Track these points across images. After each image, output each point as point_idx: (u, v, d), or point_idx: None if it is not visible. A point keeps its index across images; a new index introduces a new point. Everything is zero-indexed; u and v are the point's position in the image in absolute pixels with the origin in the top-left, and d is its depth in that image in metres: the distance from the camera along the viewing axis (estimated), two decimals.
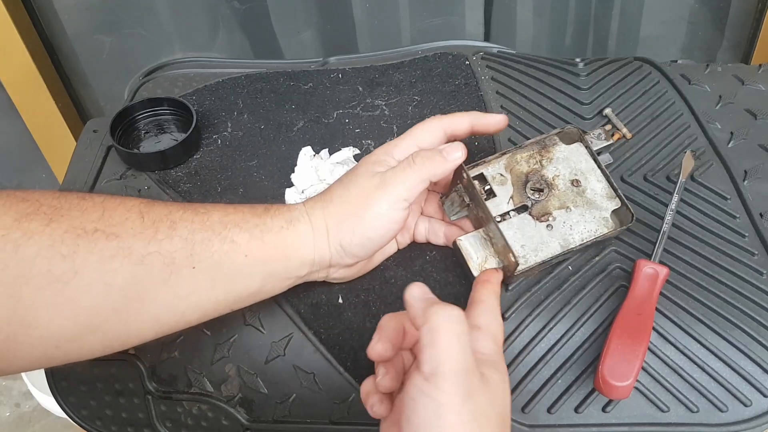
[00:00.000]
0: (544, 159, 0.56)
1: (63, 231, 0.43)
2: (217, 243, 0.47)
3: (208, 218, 0.48)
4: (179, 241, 0.46)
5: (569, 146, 0.57)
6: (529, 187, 0.55)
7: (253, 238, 0.48)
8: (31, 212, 0.43)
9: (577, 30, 1.07)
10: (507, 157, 0.56)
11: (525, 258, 0.53)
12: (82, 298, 0.43)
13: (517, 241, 0.53)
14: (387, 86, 0.73)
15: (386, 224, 0.50)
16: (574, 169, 0.56)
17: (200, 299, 0.48)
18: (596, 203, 0.55)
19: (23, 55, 1.01)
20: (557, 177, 0.56)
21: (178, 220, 0.47)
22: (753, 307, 0.54)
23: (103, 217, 0.45)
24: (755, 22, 1.01)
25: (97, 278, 0.43)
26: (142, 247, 0.45)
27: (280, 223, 0.50)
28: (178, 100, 0.70)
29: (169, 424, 0.55)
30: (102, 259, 0.44)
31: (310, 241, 0.50)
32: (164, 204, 0.48)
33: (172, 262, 0.46)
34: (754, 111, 0.68)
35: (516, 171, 0.56)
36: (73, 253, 0.43)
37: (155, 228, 0.46)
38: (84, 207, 0.45)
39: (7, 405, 1.36)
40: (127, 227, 0.45)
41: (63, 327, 0.43)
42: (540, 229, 0.54)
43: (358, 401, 0.53)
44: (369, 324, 0.54)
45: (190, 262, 0.46)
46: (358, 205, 0.50)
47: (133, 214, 0.46)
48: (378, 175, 0.51)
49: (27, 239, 0.42)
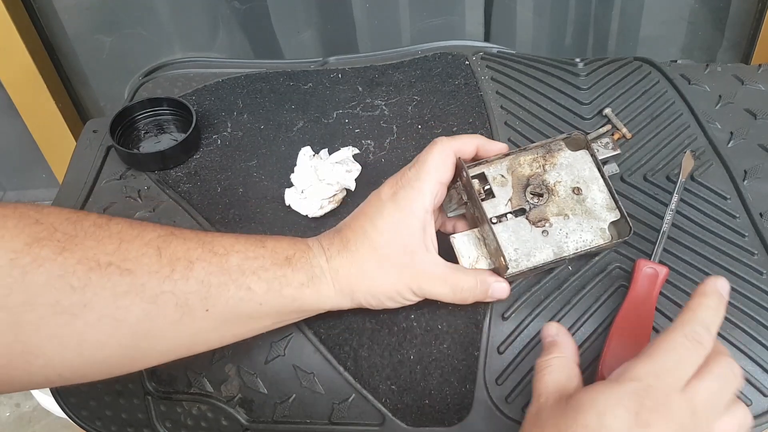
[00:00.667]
0: (548, 164, 0.55)
1: (75, 261, 0.42)
2: (233, 289, 0.46)
3: (227, 261, 0.46)
4: (195, 283, 0.45)
5: (575, 153, 0.56)
6: (529, 191, 0.54)
7: (271, 290, 0.47)
8: (43, 237, 0.41)
9: (577, 30, 1.07)
10: (510, 158, 0.56)
11: (516, 262, 0.52)
12: (89, 332, 0.42)
13: (510, 244, 0.53)
14: (387, 86, 0.73)
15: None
16: (577, 177, 0.55)
17: (209, 338, 0.48)
18: (595, 213, 0.54)
19: (23, 55, 1.02)
20: (558, 183, 0.55)
21: (196, 260, 0.46)
22: (753, 307, 0.54)
23: (119, 249, 0.44)
24: (755, 22, 1.01)
25: (108, 314, 0.42)
26: (156, 285, 0.44)
27: (301, 279, 0.48)
28: (177, 100, 0.70)
29: (169, 424, 0.55)
30: (114, 294, 0.42)
31: (330, 300, 0.50)
32: (182, 239, 0.46)
33: (185, 304, 0.45)
34: (753, 111, 0.68)
35: (518, 173, 0.55)
36: (85, 286, 0.42)
37: (171, 267, 0.45)
38: (100, 237, 0.43)
39: (7, 405, 1.36)
40: (142, 263, 0.44)
41: (67, 359, 0.42)
42: (535, 234, 0.53)
43: (357, 401, 0.53)
44: (369, 324, 0.54)
45: (203, 305, 0.45)
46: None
47: (151, 249, 0.45)
48: (409, 256, 0.50)
49: (37, 266, 0.41)
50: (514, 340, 0.53)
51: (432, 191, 0.50)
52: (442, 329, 0.54)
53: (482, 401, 0.52)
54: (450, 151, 0.51)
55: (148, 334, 0.44)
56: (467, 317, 0.54)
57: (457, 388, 0.53)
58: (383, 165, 0.65)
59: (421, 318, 0.54)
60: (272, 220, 0.61)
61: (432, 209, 0.50)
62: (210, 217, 0.62)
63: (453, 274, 0.51)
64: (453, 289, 0.51)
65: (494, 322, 0.54)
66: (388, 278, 0.50)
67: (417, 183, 0.50)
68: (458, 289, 0.51)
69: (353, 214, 0.52)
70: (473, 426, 0.52)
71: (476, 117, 0.69)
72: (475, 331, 0.54)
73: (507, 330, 0.54)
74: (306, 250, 0.49)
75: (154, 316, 0.44)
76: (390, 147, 0.67)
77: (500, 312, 0.54)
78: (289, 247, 0.49)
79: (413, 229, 0.49)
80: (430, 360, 0.53)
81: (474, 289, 0.52)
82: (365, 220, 0.50)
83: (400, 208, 0.49)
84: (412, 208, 0.49)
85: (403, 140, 0.67)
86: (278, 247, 0.49)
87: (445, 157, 0.51)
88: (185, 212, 0.63)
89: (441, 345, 0.53)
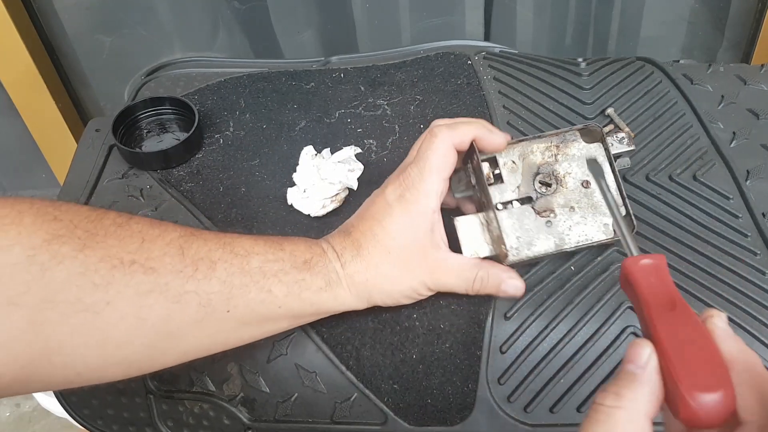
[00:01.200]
0: (560, 153, 0.55)
1: (98, 259, 0.41)
2: (254, 291, 0.46)
3: (248, 263, 0.47)
4: (217, 283, 0.45)
5: (589, 145, 0.55)
6: (538, 180, 0.54)
7: (291, 294, 0.47)
8: (63, 234, 0.41)
9: (578, 30, 1.07)
10: (523, 144, 0.55)
11: (517, 250, 0.52)
12: (111, 330, 0.42)
13: (513, 232, 0.53)
14: (389, 86, 0.73)
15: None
16: (587, 170, 0.55)
17: (228, 338, 0.48)
18: (601, 208, 0.54)
19: (23, 55, 1.01)
20: (568, 174, 0.55)
21: (218, 260, 0.46)
22: (755, 307, 0.54)
23: (142, 248, 0.43)
24: (755, 22, 1.01)
25: (131, 312, 0.42)
26: (179, 285, 0.44)
27: (319, 284, 0.48)
28: (180, 100, 0.70)
29: (171, 423, 0.55)
30: (138, 293, 0.42)
31: (347, 303, 0.50)
32: (203, 239, 0.47)
33: (208, 304, 0.45)
34: (756, 111, 0.68)
35: (529, 161, 0.55)
36: (108, 284, 0.41)
37: (195, 266, 0.45)
38: (121, 235, 0.43)
39: (7, 405, 1.36)
40: (165, 262, 0.44)
41: (88, 357, 0.42)
42: (539, 223, 0.53)
43: (360, 400, 0.53)
44: (371, 323, 0.54)
45: (225, 306, 0.45)
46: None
47: (173, 248, 0.44)
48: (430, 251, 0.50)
49: (57, 263, 0.40)
50: (516, 339, 0.53)
51: (437, 191, 0.51)
52: (445, 328, 0.54)
53: (484, 401, 0.52)
54: (451, 146, 0.51)
55: (169, 333, 0.44)
56: (469, 316, 0.54)
57: (459, 388, 0.53)
58: (386, 164, 0.65)
59: (423, 317, 0.54)
60: (274, 220, 0.61)
61: (438, 207, 0.51)
62: (212, 217, 0.62)
63: (465, 266, 0.52)
64: (466, 282, 0.52)
65: (496, 322, 0.54)
66: (404, 279, 0.50)
67: (422, 185, 0.50)
68: (471, 281, 0.52)
69: (360, 215, 0.52)
70: (475, 425, 0.52)
71: (478, 117, 0.69)
72: (478, 330, 0.54)
73: (509, 329, 0.54)
74: (321, 254, 0.50)
75: (176, 315, 0.44)
76: (392, 146, 0.67)
77: (503, 311, 0.54)
78: (306, 251, 0.49)
79: (423, 229, 0.50)
80: (433, 359, 0.53)
81: (486, 282, 0.52)
82: (374, 222, 0.51)
83: (408, 210, 0.50)
84: (420, 210, 0.50)
85: (406, 140, 0.67)
86: (296, 251, 0.49)
87: (446, 152, 0.51)
88: (187, 211, 0.62)
89: (443, 344, 0.53)
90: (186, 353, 0.47)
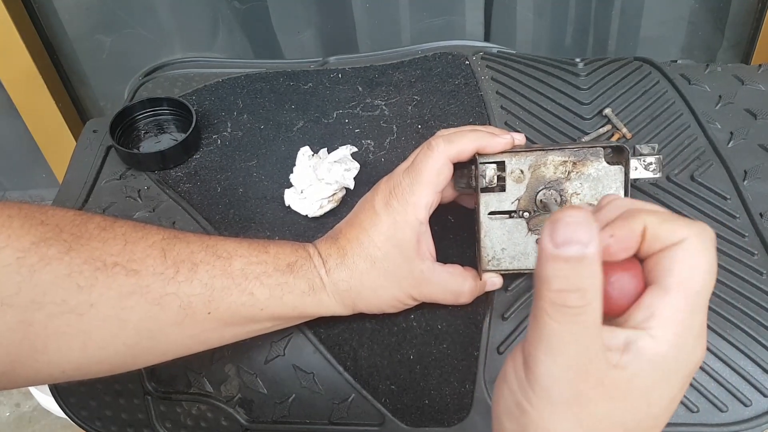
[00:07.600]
0: (575, 171, 0.50)
1: (82, 261, 0.42)
2: (236, 293, 0.47)
3: (230, 265, 0.47)
4: (198, 285, 0.45)
5: (609, 167, 0.50)
6: (539, 198, 0.51)
7: (273, 297, 0.48)
8: (50, 237, 0.42)
9: (577, 30, 1.07)
10: (538, 154, 0.50)
11: (497, 261, 0.52)
12: (94, 331, 0.43)
13: (500, 243, 0.52)
14: (387, 86, 0.73)
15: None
16: (599, 194, 0.50)
17: (209, 338, 0.48)
18: None
19: (23, 55, 1.01)
20: (576, 195, 0.51)
21: (200, 262, 0.46)
22: (753, 307, 0.54)
23: (125, 250, 0.44)
24: (755, 22, 1.01)
25: (113, 314, 0.43)
26: (161, 287, 0.44)
27: (302, 287, 0.48)
28: (177, 100, 0.70)
29: (169, 424, 0.55)
30: (120, 295, 0.43)
31: (331, 309, 0.50)
32: (186, 242, 0.47)
33: (188, 305, 0.45)
34: (754, 111, 0.68)
35: (538, 174, 0.51)
36: (91, 286, 0.42)
37: (176, 269, 0.45)
38: (105, 238, 0.44)
39: (7, 405, 1.36)
40: (147, 264, 0.44)
41: (71, 356, 0.43)
42: (528, 240, 0.52)
43: (357, 401, 0.53)
44: (369, 324, 0.54)
45: (206, 308, 0.46)
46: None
47: (155, 251, 0.45)
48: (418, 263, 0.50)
49: (44, 265, 0.41)
50: (514, 340, 0.53)
51: (426, 204, 0.49)
52: (442, 329, 0.54)
53: (482, 401, 0.52)
54: (447, 161, 0.49)
55: (150, 334, 0.45)
56: (467, 317, 0.54)
57: (456, 388, 0.53)
58: (383, 164, 0.65)
59: (420, 318, 0.54)
60: (272, 221, 0.61)
61: (426, 219, 0.50)
62: (210, 217, 0.62)
63: (451, 279, 0.52)
64: (453, 293, 0.52)
65: (494, 323, 0.54)
66: (388, 289, 0.50)
67: (412, 197, 0.49)
68: (457, 293, 0.52)
69: (349, 221, 0.52)
70: (473, 426, 0.52)
71: (476, 117, 0.69)
72: (475, 331, 0.54)
73: (507, 330, 0.54)
74: (307, 258, 0.50)
75: (157, 316, 0.44)
76: (390, 147, 0.67)
77: (500, 312, 0.54)
78: (291, 254, 0.49)
79: (409, 241, 0.49)
80: (430, 360, 0.53)
81: (473, 291, 0.53)
82: (360, 230, 0.50)
83: (395, 221, 0.49)
84: (407, 221, 0.49)
85: (403, 140, 0.67)
86: (281, 254, 0.49)
87: (441, 167, 0.49)
88: (185, 212, 0.63)
89: (441, 345, 0.53)
90: (167, 353, 0.47)
